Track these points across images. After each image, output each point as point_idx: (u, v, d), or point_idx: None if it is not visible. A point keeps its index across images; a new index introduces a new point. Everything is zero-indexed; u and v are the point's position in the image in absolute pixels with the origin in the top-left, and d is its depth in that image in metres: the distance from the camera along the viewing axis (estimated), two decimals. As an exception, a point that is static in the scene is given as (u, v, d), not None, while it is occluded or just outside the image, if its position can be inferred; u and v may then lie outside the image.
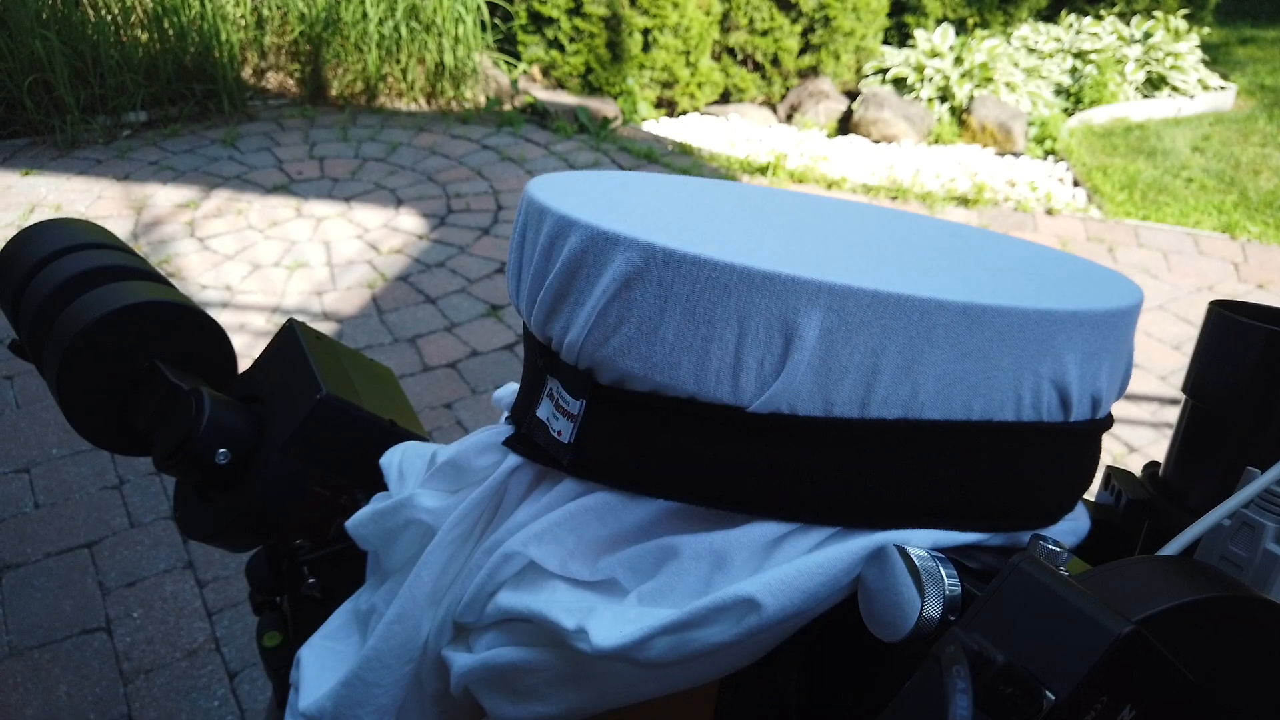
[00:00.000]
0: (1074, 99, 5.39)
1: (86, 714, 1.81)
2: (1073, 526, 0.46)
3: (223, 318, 2.92)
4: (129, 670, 1.89)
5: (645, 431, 0.43)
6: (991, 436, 0.41)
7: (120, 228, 3.32)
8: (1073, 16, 5.94)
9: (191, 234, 3.33)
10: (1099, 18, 5.99)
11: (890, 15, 5.62)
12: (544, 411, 0.47)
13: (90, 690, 1.85)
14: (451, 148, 4.08)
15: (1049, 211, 4.07)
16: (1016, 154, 4.75)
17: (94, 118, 3.89)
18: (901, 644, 0.37)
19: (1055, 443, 0.43)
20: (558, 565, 0.45)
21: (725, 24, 5.08)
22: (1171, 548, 0.38)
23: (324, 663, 0.56)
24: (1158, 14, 5.90)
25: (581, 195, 0.49)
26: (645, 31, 4.80)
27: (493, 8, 4.83)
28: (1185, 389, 0.53)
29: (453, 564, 0.51)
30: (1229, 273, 3.74)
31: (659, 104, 5.08)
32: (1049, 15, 6.19)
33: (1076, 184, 4.45)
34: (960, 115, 4.96)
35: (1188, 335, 3.28)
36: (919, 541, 0.40)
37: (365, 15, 4.28)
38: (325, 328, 2.93)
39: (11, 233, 3.29)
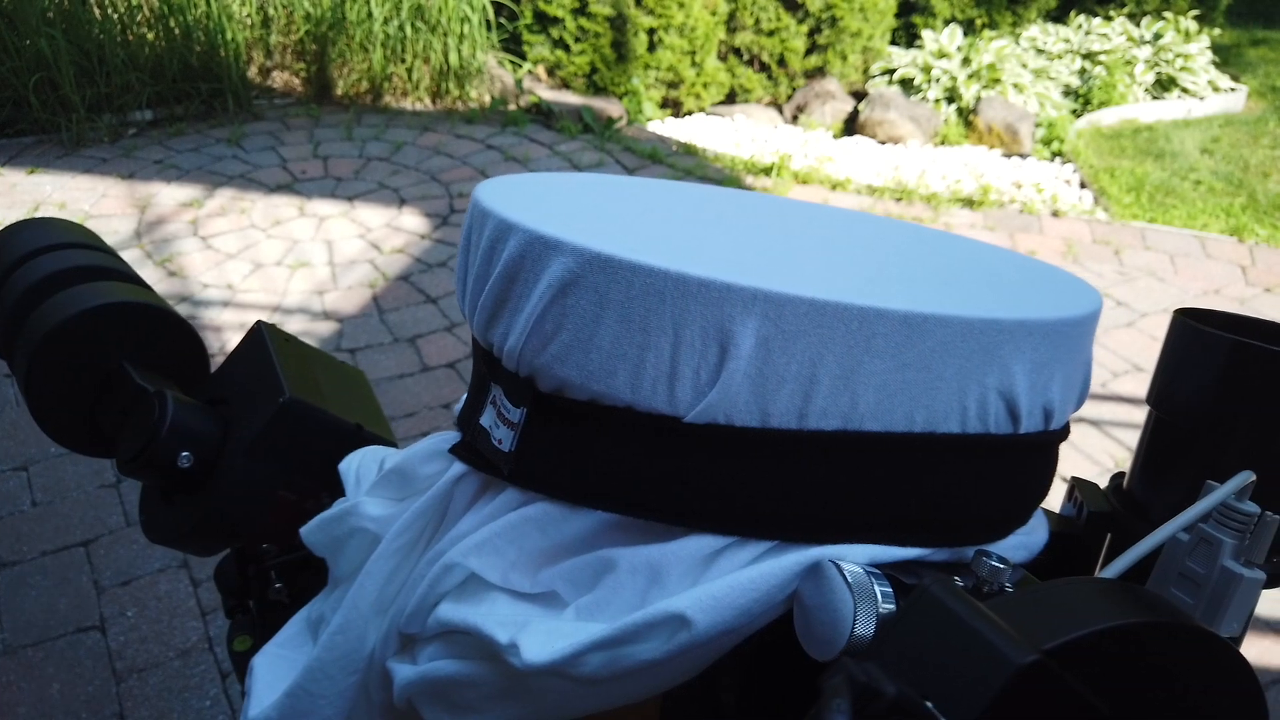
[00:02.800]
0: (1082, 100, 5.36)
1: (79, 713, 1.81)
2: (1024, 541, 0.45)
3: (223, 316, 2.93)
4: (122, 669, 1.89)
5: (584, 441, 0.42)
6: (935, 449, 0.40)
7: (124, 226, 3.33)
8: (1082, 17, 5.90)
9: (195, 233, 3.34)
10: (1108, 19, 5.95)
11: (898, 16, 5.59)
12: (487, 419, 0.47)
13: (83, 689, 1.85)
14: (456, 147, 4.08)
15: (1055, 213, 4.04)
16: (1023, 155, 4.72)
17: (99, 116, 3.90)
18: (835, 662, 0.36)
19: (1003, 455, 0.42)
20: (499, 577, 0.45)
21: (731, 24, 5.07)
22: (1113, 570, 0.37)
23: (276, 671, 0.55)
24: (1168, 15, 5.86)
25: (529, 198, 0.48)
26: (650, 31, 4.80)
27: (498, 8, 4.83)
28: (1149, 399, 0.52)
29: (399, 573, 0.50)
30: (1236, 276, 3.71)
31: (664, 104, 5.07)
32: (1058, 16, 6.16)
33: (1083, 186, 4.42)
34: (967, 116, 4.93)
35: (1193, 339, 3.25)
36: (856, 557, 0.39)
37: (370, 15, 4.28)
38: (325, 327, 2.93)
39: (16, 231, 3.31)
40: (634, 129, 4.52)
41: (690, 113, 5.10)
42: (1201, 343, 0.48)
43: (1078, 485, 0.54)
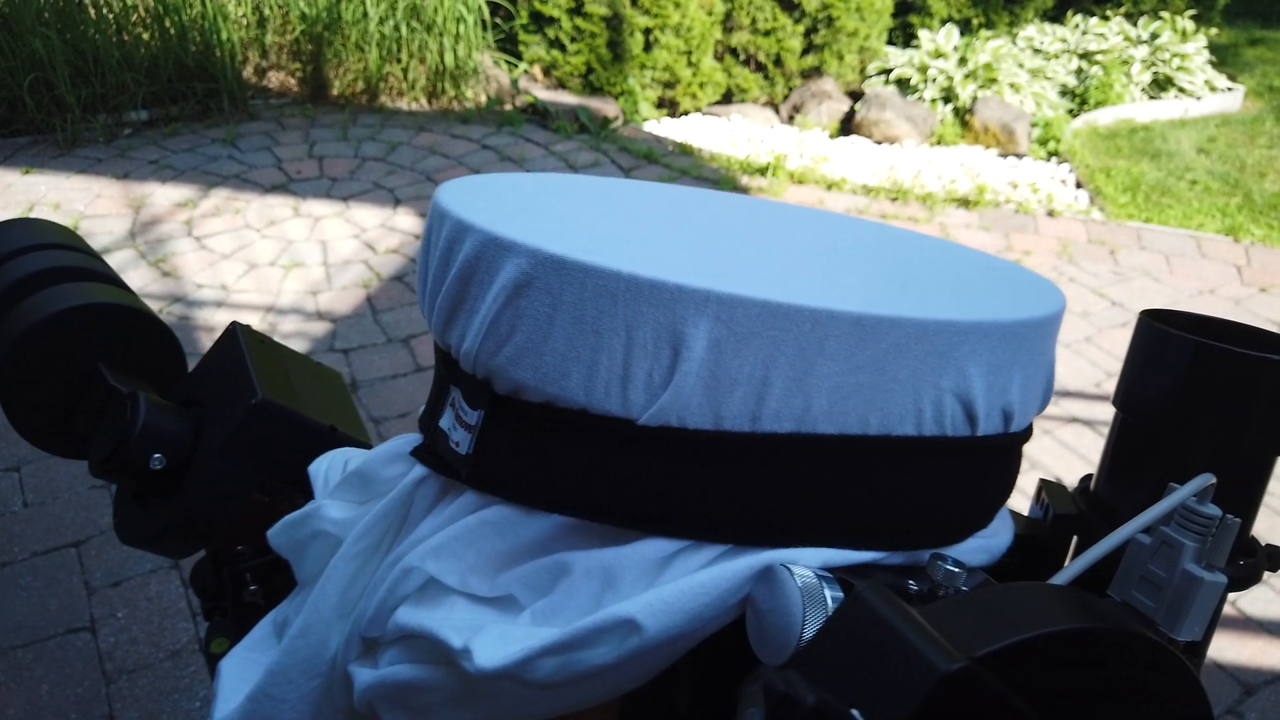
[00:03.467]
0: (1079, 100, 5.36)
1: (68, 714, 1.81)
2: (985, 544, 0.45)
3: (217, 317, 2.93)
4: (112, 670, 1.89)
5: (540, 444, 0.42)
6: (890, 452, 0.40)
7: (118, 227, 3.33)
8: (1079, 17, 5.90)
9: (189, 233, 3.34)
10: (1105, 18, 5.95)
11: (895, 15, 5.59)
12: (446, 421, 0.46)
13: (73, 690, 1.85)
14: (451, 147, 4.07)
15: (1050, 213, 4.04)
16: (1019, 155, 4.72)
17: (95, 116, 3.90)
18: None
19: (961, 458, 0.42)
20: (457, 581, 0.44)
21: (728, 24, 5.07)
22: (1066, 574, 0.37)
23: (242, 674, 0.55)
24: (1165, 14, 5.86)
25: (489, 200, 0.48)
26: (647, 31, 4.79)
27: (494, 7, 4.83)
28: (1114, 401, 0.51)
29: (361, 577, 0.50)
30: (1231, 276, 3.71)
31: (661, 104, 5.07)
32: (1055, 16, 6.15)
33: (1079, 186, 4.42)
34: (963, 116, 4.93)
35: (1188, 339, 3.25)
36: (809, 561, 0.39)
37: (366, 14, 4.28)
38: (319, 327, 2.93)
39: (10, 231, 3.31)
40: (630, 129, 4.52)
41: (686, 113, 5.10)
42: (1165, 344, 0.48)
43: (1045, 487, 0.54)
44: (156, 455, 0.66)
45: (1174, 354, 0.48)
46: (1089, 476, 0.55)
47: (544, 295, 0.39)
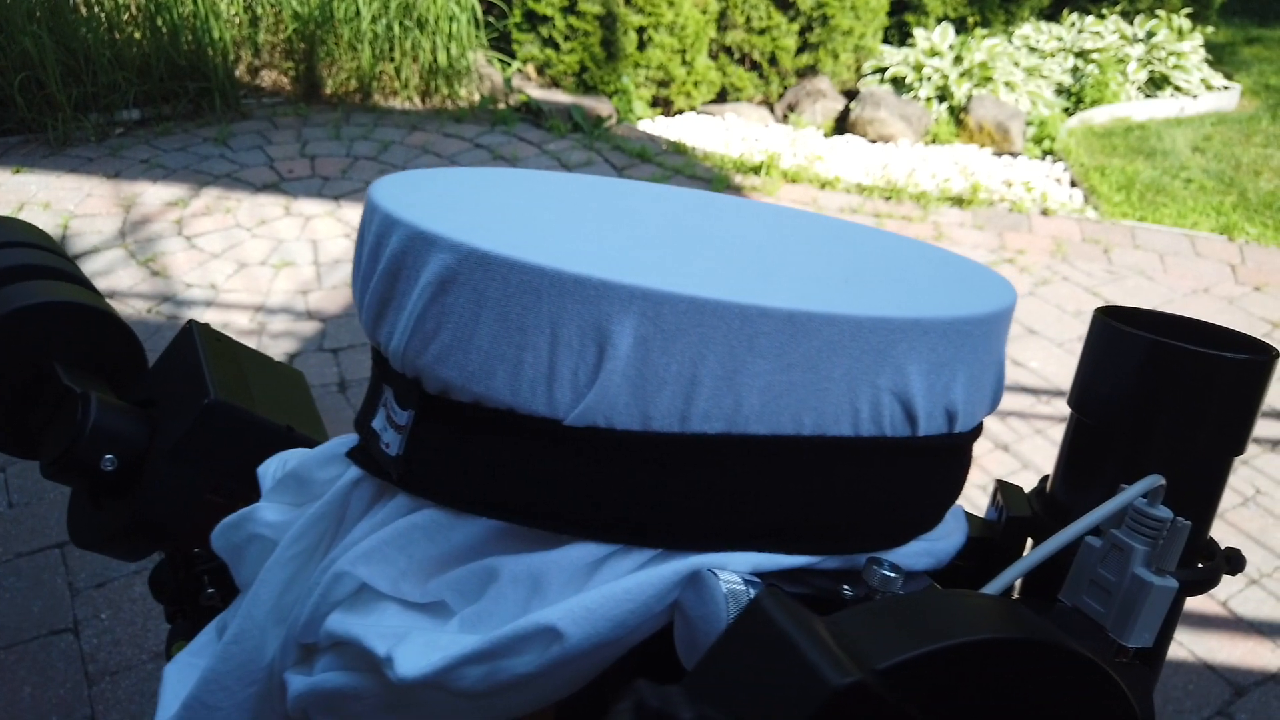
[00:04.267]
0: (1075, 99, 5.35)
1: (49, 716, 1.79)
2: (930, 547, 0.44)
3: (206, 316, 2.91)
4: (94, 672, 1.88)
5: (469, 445, 0.41)
6: (825, 453, 0.39)
7: (108, 226, 3.32)
8: (1075, 15, 5.89)
9: (179, 232, 3.33)
10: (1101, 17, 5.94)
11: (891, 14, 5.58)
12: (378, 422, 0.45)
13: (55, 692, 1.84)
14: (444, 146, 4.06)
15: (1044, 212, 4.03)
16: (1014, 154, 4.71)
17: (86, 116, 3.89)
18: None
19: (901, 459, 0.41)
20: (389, 586, 0.43)
21: (722, 23, 5.05)
22: (1001, 581, 0.36)
23: (184, 680, 0.54)
24: (1161, 13, 5.85)
25: (424, 194, 0.47)
26: (640, 30, 4.78)
27: (488, 6, 4.82)
28: (1069, 401, 0.50)
29: (298, 581, 0.49)
30: (1226, 274, 3.70)
31: (655, 103, 5.05)
32: (1051, 14, 6.14)
33: (1074, 184, 4.41)
34: (958, 115, 4.92)
35: (1181, 338, 3.24)
36: (738, 565, 0.38)
37: (358, 13, 4.27)
38: (309, 327, 2.92)
39: (-1, 230, 3.29)
40: (624, 128, 4.50)
41: (681, 111, 5.09)
42: (1120, 342, 0.47)
43: (1001, 488, 0.53)
44: (108, 456, 0.65)
45: (1128, 352, 0.47)
46: (1047, 478, 0.54)
47: (468, 291, 0.38)
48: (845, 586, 0.39)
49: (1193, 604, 2.18)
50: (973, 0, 5.81)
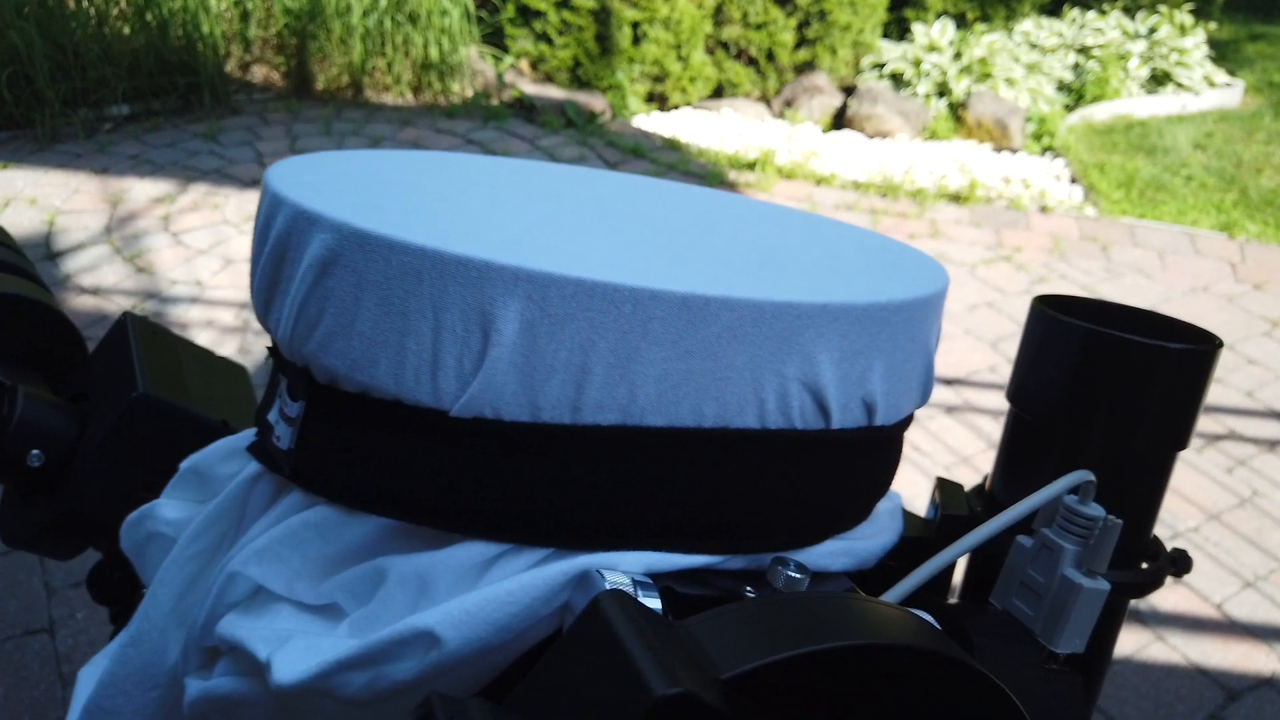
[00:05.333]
0: (1076, 95, 5.31)
1: (22, 717, 1.77)
2: (848, 547, 0.41)
3: (191, 313, 2.89)
4: (69, 673, 1.85)
5: (358, 439, 0.38)
6: (728, 446, 0.36)
7: (94, 222, 3.30)
8: (1076, 11, 5.85)
9: (166, 228, 3.30)
10: (1103, 12, 5.90)
11: (890, 9, 5.54)
12: (273, 414, 0.43)
13: (29, 693, 1.81)
14: (435, 142, 4.04)
15: (1043, 209, 3.99)
16: (1013, 150, 4.67)
17: (75, 111, 3.87)
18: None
19: (812, 453, 0.38)
20: (283, 587, 0.41)
21: (718, 18, 5.02)
22: (902, 587, 0.33)
23: (94, 683, 0.51)
24: (1163, 9, 5.80)
25: (321, 174, 0.44)
26: (635, 25, 4.75)
27: (480, 1, 4.79)
28: (1007, 394, 0.47)
29: (200, 582, 0.46)
30: (1225, 273, 3.66)
31: (650, 99, 5.02)
32: (1053, 10, 6.10)
33: (1073, 181, 4.37)
34: (957, 111, 4.88)
35: (1179, 336, 3.20)
36: (629, 566, 0.35)
37: (349, 8, 4.24)
38: (294, 323, 2.89)
39: (-14, 226, 3.28)
40: (618, 123, 4.47)
41: (677, 107, 5.05)
42: (1056, 332, 0.44)
43: (940, 486, 0.50)
44: (35, 452, 0.63)
45: (1064, 342, 0.43)
46: (988, 475, 0.51)
47: (350, 274, 0.36)
48: (748, 588, 0.36)
49: (1186, 606, 2.14)
50: (973, -4, 5.77)
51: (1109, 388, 0.42)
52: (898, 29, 5.70)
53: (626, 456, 0.35)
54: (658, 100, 5.04)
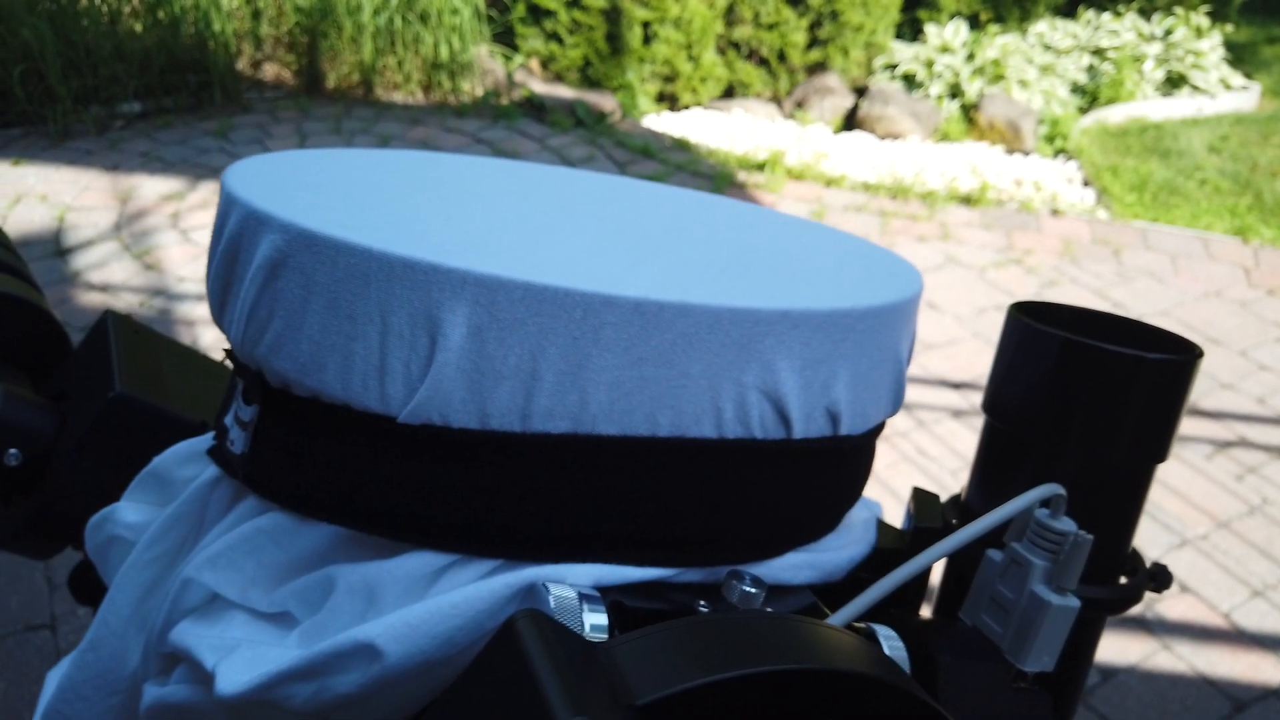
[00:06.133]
0: (1090, 97, 5.27)
1: (21, 713, 1.77)
2: (811, 559, 0.40)
3: (198, 311, 2.90)
4: (67, 667, 1.86)
5: (309, 444, 0.37)
6: (684, 456, 0.35)
7: (104, 219, 3.31)
8: (1091, 12, 5.81)
9: (175, 225, 3.31)
10: (1119, 14, 5.85)
11: (904, 10, 5.51)
12: (229, 418, 0.42)
13: (29, 689, 1.82)
14: (444, 141, 4.04)
15: (1054, 212, 3.97)
16: (1025, 153, 4.64)
17: (87, 108, 3.89)
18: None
19: (773, 464, 0.37)
20: (237, 594, 0.40)
21: (730, 18, 5.01)
22: (841, 615, 0.32)
23: None
24: (1179, 11, 5.76)
25: (279, 173, 0.43)
26: (646, 24, 4.74)
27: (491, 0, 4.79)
28: (983, 404, 0.46)
29: (160, 587, 0.46)
30: (1239, 278, 3.62)
31: (661, 99, 5.01)
32: (1067, 11, 6.06)
33: (1086, 184, 4.33)
34: (969, 113, 4.85)
35: (1190, 341, 3.17)
36: (579, 578, 0.34)
37: (360, 6, 4.25)
38: (300, 321, 2.90)
39: (-4, 222, 3.30)
40: (628, 124, 4.47)
41: (687, 107, 5.04)
42: (1032, 340, 0.43)
43: (915, 496, 0.49)
44: (12, 450, 0.62)
45: (1040, 351, 0.42)
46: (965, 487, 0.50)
47: (298, 276, 0.35)
48: (702, 602, 0.35)
49: (1193, 615, 2.12)
50: (987, -3, 5.74)
51: (1085, 398, 0.41)
52: (911, 30, 5.67)
53: (577, 466, 0.34)
54: (668, 100, 5.03)
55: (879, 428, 0.42)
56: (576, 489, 0.35)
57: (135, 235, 3.24)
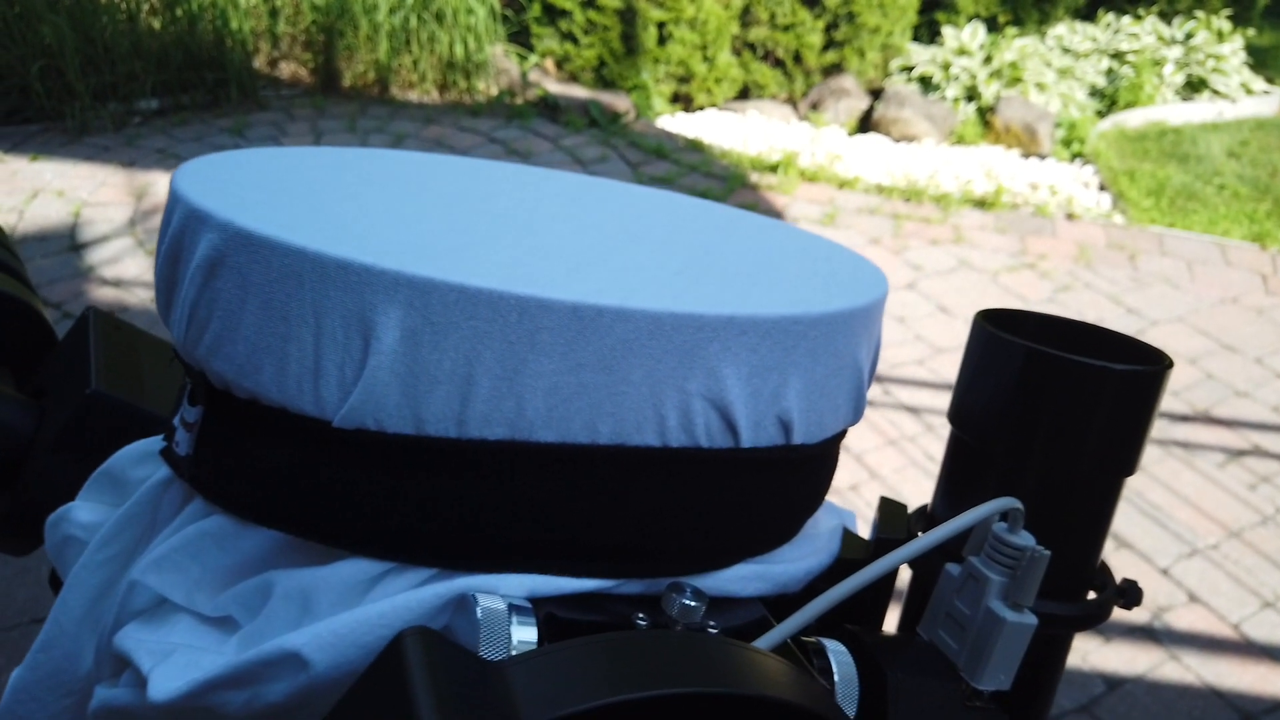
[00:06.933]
0: (1108, 101, 5.22)
1: (24, 703, 1.79)
2: (763, 571, 0.39)
3: (209, 306, 2.91)
4: (71, 660, 1.87)
5: (249, 447, 0.37)
6: (626, 464, 0.35)
7: (119, 215, 3.33)
8: (1111, 15, 5.76)
9: (188, 222, 3.33)
10: (1138, 17, 5.80)
11: (921, 12, 5.48)
12: (177, 419, 0.42)
13: (32, 679, 1.83)
14: (458, 140, 4.04)
15: (1070, 216, 3.93)
16: (1042, 156, 4.61)
17: (105, 105, 3.92)
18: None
19: (719, 473, 0.36)
20: (183, 597, 0.40)
21: (745, 19, 4.99)
22: (781, 630, 0.31)
23: None
24: (1200, 14, 5.70)
25: (229, 173, 0.43)
26: (660, 25, 4.73)
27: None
28: (948, 415, 0.45)
29: (114, 588, 0.45)
30: (1256, 284, 3.58)
31: (675, 99, 5.00)
32: (1087, 15, 6.01)
33: (1102, 188, 4.29)
34: (985, 116, 4.82)
35: (1205, 349, 3.14)
36: (510, 588, 0.34)
37: (377, 6, 4.26)
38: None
39: (12, 217, 3.32)
40: (641, 124, 4.46)
41: (702, 108, 5.03)
42: (996, 350, 0.42)
43: (882, 506, 0.48)
44: None
45: (1004, 361, 0.41)
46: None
47: (235, 275, 0.35)
48: (640, 615, 0.35)
49: (1202, 625, 2.09)
50: (1005, -1, 5.70)
51: (1050, 410, 0.41)
52: (928, 32, 5.63)
53: (515, 473, 0.34)
54: (683, 101, 5.02)
55: (838, 436, 0.41)
56: (513, 497, 0.34)
57: (149, 231, 3.26)
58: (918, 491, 2.40)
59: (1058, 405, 0.40)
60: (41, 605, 1.97)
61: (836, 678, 0.36)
